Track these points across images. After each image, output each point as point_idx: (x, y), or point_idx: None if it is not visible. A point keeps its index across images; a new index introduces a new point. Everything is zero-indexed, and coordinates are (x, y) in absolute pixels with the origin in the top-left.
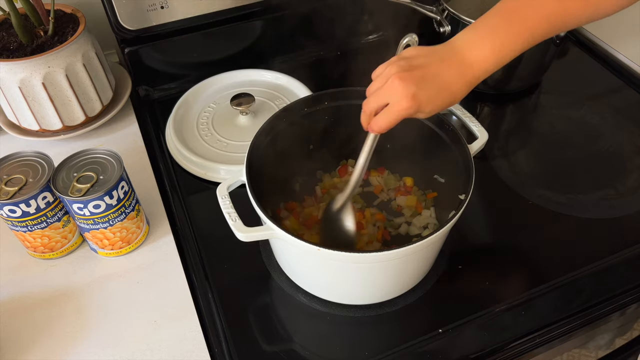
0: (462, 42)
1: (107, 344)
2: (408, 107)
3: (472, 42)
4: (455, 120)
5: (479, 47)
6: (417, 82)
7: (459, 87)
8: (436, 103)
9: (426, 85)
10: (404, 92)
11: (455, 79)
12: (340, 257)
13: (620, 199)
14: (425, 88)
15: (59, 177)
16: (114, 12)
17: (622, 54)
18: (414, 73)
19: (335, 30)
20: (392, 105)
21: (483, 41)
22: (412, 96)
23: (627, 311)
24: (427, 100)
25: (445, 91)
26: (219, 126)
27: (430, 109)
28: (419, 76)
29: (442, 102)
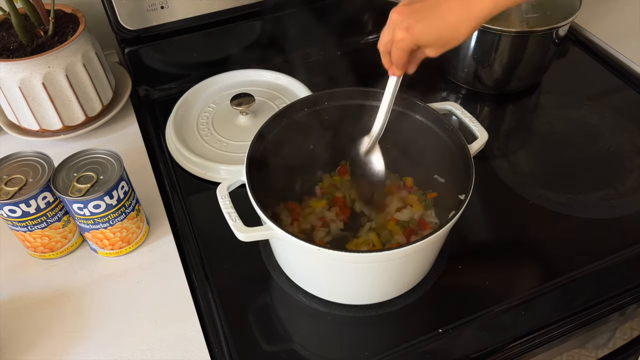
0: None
1: (107, 344)
2: (402, 37)
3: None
4: (455, 120)
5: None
6: (413, 13)
7: (458, 18)
8: (434, 36)
9: (422, 15)
10: (399, 24)
11: (455, 8)
12: (340, 257)
13: (620, 199)
14: (421, 19)
15: (59, 177)
16: (114, 12)
17: (622, 54)
18: (412, 6)
19: (335, 30)
20: (391, 40)
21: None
22: (406, 27)
23: (626, 311)
24: (423, 31)
25: (443, 22)
26: (219, 126)
27: (427, 39)
28: (417, 8)
29: (441, 34)
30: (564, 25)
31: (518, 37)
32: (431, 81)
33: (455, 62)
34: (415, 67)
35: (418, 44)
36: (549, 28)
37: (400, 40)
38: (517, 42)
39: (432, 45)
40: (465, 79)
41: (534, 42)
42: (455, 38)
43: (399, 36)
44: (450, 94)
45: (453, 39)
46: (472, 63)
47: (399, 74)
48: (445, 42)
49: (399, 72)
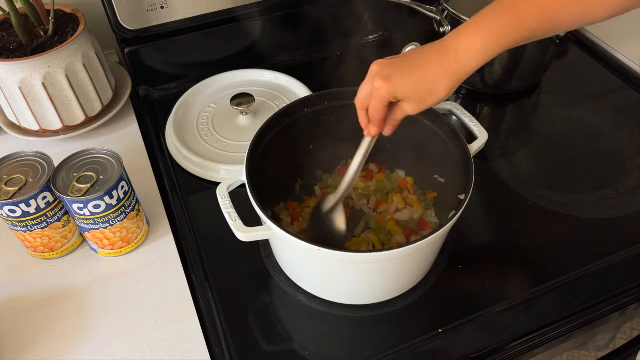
0: (452, 32)
1: (107, 344)
2: (380, 86)
3: (459, 30)
4: (455, 120)
5: (464, 33)
6: (393, 66)
7: (436, 75)
8: (412, 90)
9: (401, 67)
10: (378, 74)
11: (435, 65)
12: (340, 257)
13: (620, 199)
14: (400, 71)
15: (59, 177)
16: (114, 12)
17: (622, 54)
18: (393, 60)
19: (335, 30)
20: (370, 90)
21: (470, 28)
22: (384, 77)
23: (627, 311)
24: (401, 82)
25: (421, 77)
26: (219, 126)
27: (404, 92)
28: (397, 63)
29: (419, 91)
30: None
31: None
32: None
33: None
34: (392, 129)
35: (395, 95)
36: None
37: (378, 89)
38: None
39: (410, 98)
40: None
41: (534, 42)
42: (434, 93)
43: (377, 84)
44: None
45: (431, 94)
46: None
47: (374, 134)
48: (424, 96)
49: (374, 131)
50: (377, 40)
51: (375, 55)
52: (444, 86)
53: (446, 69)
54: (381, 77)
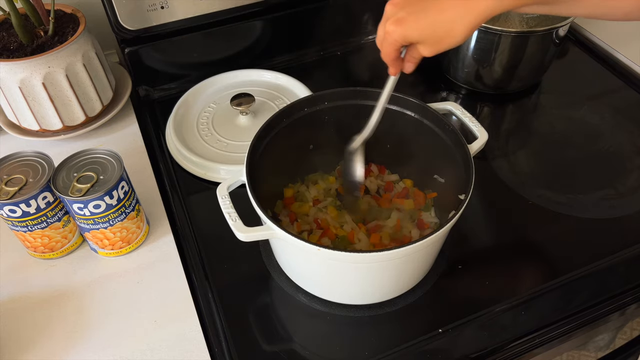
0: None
1: (108, 344)
2: (392, 30)
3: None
4: (455, 120)
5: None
6: (408, 6)
7: (457, 15)
8: (427, 29)
9: (417, 7)
10: (392, 16)
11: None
12: (340, 257)
13: (620, 199)
14: (415, 12)
15: (59, 177)
16: (114, 12)
17: (622, 54)
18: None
19: (335, 30)
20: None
21: None
22: (397, 20)
23: (627, 311)
24: (414, 24)
25: (438, 16)
26: (219, 126)
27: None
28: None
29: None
30: (564, 25)
31: (518, 37)
32: (431, 81)
33: (455, 62)
34: (412, 67)
35: (408, 39)
36: (549, 28)
37: (390, 33)
38: (517, 42)
39: (425, 41)
40: (465, 79)
41: (534, 42)
42: (451, 35)
43: (389, 28)
44: (450, 94)
45: (448, 36)
46: (472, 63)
47: (392, 73)
48: (439, 38)
49: (392, 71)
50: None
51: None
52: (462, 27)
53: (468, 9)
54: (394, 20)
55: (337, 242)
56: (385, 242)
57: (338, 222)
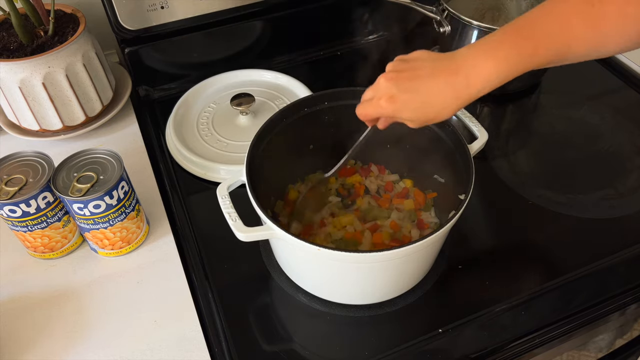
0: (464, 52)
1: (107, 344)
2: (385, 106)
3: (473, 52)
4: (455, 120)
5: (479, 58)
6: (401, 84)
7: (443, 99)
8: (417, 111)
9: (407, 89)
10: (384, 91)
11: (441, 88)
12: (340, 257)
13: (620, 199)
14: (405, 92)
15: (59, 177)
16: (114, 12)
17: (622, 54)
18: (401, 74)
19: (335, 30)
20: (373, 100)
21: (485, 53)
22: (389, 97)
23: (627, 311)
24: (406, 105)
25: (430, 101)
26: (219, 126)
27: (409, 115)
28: (406, 78)
29: (425, 112)
30: None
31: None
32: None
33: None
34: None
35: (398, 116)
36: None
37: (382, 108)
38: None
39: (413, 120)
40: None
41: None
42: (438, 118)
43: (381, 103)
44: None
45: (437, 116)
46: None
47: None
48: (427, 120)
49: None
50: (377, 40)
51: (374, 55)
52: (450, 110)
53: (456, 94)
54: (388, 98)
55: (340, 242)
56: (385, 242)
57: (341, 223)
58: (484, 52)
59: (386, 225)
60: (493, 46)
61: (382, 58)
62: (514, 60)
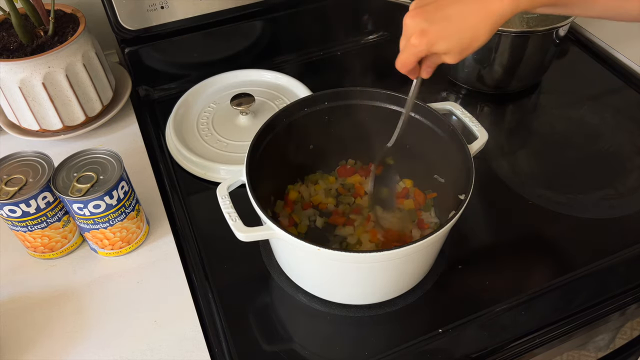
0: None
1: (107, 344)
2: (417, 43)
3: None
4: (455, 120)
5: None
6: (429, 16)
7: (480, 19)
8: (453, 38)
9: (439, 19)
10: (413, 28)
11: (476, 8)
12: (340, 257)
13: (620, 199)
14: (437, 22)
15: (59, 177)
16: (114, 12)
17: (622, 54)
18: (426, 8)
19: (335, 30)
20: (405, 44)
21: None
22: (420, 32)
23: (627, 311)
24: (439, 35)
25: (464, 24)
26: (219, 126)
27: (445, 46)
28: (432, 10)
29: (461, 38)
30: (564, 25)
31: (518, 37)
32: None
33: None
34: (431, 73)
35: (434, 50)
36: (549, 28)
37: (414, 46)
38: (517, 42)
39: (451, 51)
40: (465, 79)
41: (534, 42)
42: (476, 40)
43: (413, 41)
44: (450, 94)
45: (473, 41)
46: (472, 63)
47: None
48: (465, 46)
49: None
50: (377, 40)
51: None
52: (485, 31)
53: (488, 12)
54: (418, 33)
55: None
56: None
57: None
58: None
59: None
60: None
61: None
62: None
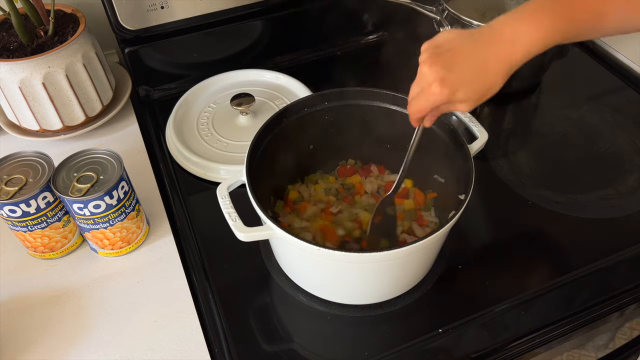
0: (502, 21)
1: (107, 344)
2: (439, 92)
3: (513, 19)
4: (455, 120)
5: (522, 24)
6: (447, 65)
7: (497, 68)
8: (472, 87)
9: (457, 67)
10: (432, 76)
11: (492, 57)
12: (340, 257)
13: (620, 199)
14: (456, 71)
15: (59, 177)
16: (114, 12)
17: (622, 54)
18: (443, 56)
19: (335, 30)
20: (422, 90)
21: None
22: (440, 80)
23: (626, 311)
24: (459, 84)
25: (482, 72)
26: (219, 126)
27: (465, 94)
28: (449, 58)
29: (479, 86)
30: None
31: None
32: None
33: None
34: (433, 121)
35: (454, 99)
36: None
37: (437, 94)
38: None
39: (469, 99)
40: None
41: None
42: (493, 88)
43: (434, 90)
44: None
45: (491, 89)
46: None
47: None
48: (483, 93)
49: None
50: (377, 40)
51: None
52: (502, 77)
53: (503, 61)
54: (438, 82)
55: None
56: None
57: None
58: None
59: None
60: (531, 13)
61: (382, 58)
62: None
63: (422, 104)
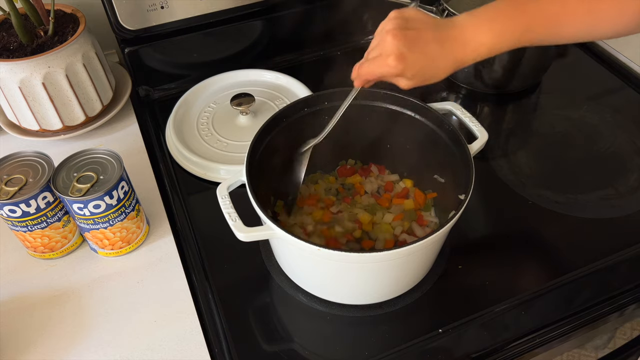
0: (463, 20)
1: (107, 344)
2: (394, 65)
3: (472, 22)
4: (455, 120)
5: (478, 29)
6: (409, 43)
7: (445, 64)
8: (420, 71)
9: (416, 49)
10: (393, 48)
11: (445, 54)
12: (340, 257)
13: (620, 199)
14: (414, 52)
15: (59, 177)
16: (114, 12)
17: (622, 54)
18: (408, 33)
19: (335, 30)
20: (379, 57)
21: (483, 24)
22: (399, 55)
23: (626, 311)
24: (412, 64)
25: (432, 63)
26: (219, 126)
27: (412, 75)
28: (413, 38)
29: (425, 73)
30: None
31: None
32: None
33: None
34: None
35: (402, 74)
36: None
37: (391, 66)
38: None
39: (412, 79)
40: (465, 79)
41: None
42: (434, 78)
43: (390, 62)
44: (450, 94)
45: (432, 78)
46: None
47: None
48: (424, 80)
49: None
50: None
51: None
52: (445, 73)
53: (454, 59)
54: (397, 56)
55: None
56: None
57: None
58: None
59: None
60: (491, 17)
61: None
62: (508, 35)
63: (374, 69)
